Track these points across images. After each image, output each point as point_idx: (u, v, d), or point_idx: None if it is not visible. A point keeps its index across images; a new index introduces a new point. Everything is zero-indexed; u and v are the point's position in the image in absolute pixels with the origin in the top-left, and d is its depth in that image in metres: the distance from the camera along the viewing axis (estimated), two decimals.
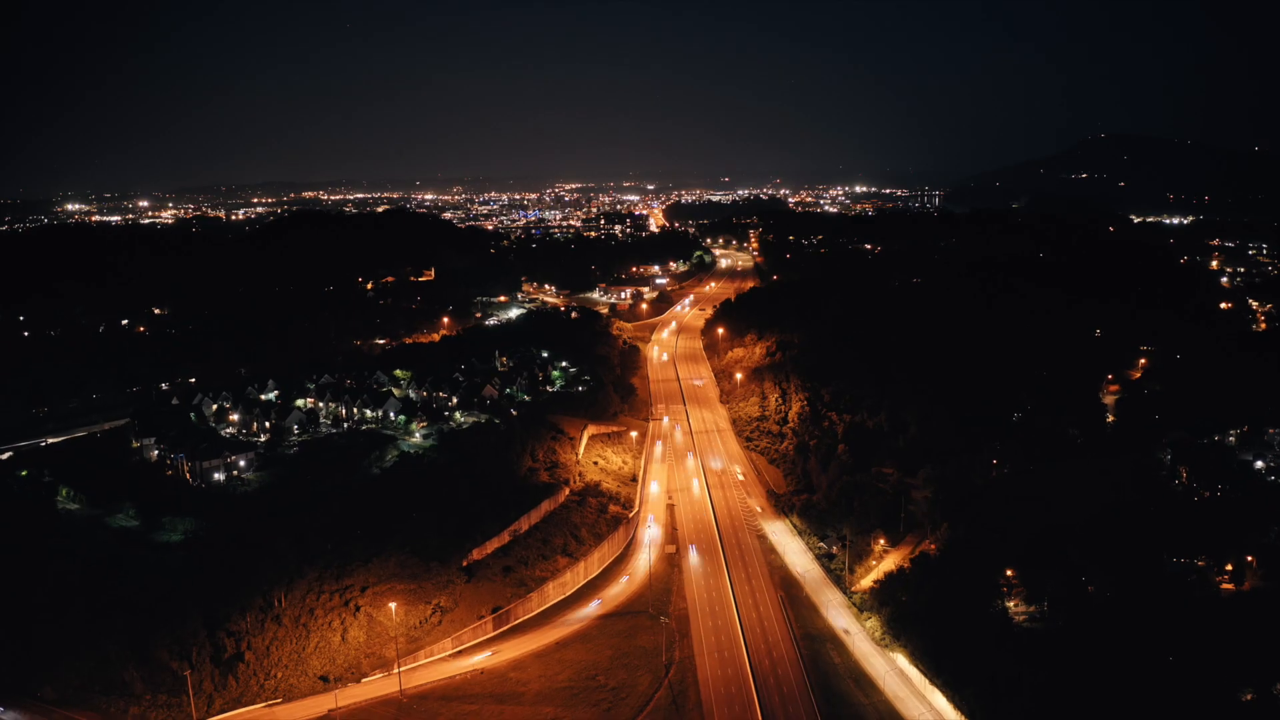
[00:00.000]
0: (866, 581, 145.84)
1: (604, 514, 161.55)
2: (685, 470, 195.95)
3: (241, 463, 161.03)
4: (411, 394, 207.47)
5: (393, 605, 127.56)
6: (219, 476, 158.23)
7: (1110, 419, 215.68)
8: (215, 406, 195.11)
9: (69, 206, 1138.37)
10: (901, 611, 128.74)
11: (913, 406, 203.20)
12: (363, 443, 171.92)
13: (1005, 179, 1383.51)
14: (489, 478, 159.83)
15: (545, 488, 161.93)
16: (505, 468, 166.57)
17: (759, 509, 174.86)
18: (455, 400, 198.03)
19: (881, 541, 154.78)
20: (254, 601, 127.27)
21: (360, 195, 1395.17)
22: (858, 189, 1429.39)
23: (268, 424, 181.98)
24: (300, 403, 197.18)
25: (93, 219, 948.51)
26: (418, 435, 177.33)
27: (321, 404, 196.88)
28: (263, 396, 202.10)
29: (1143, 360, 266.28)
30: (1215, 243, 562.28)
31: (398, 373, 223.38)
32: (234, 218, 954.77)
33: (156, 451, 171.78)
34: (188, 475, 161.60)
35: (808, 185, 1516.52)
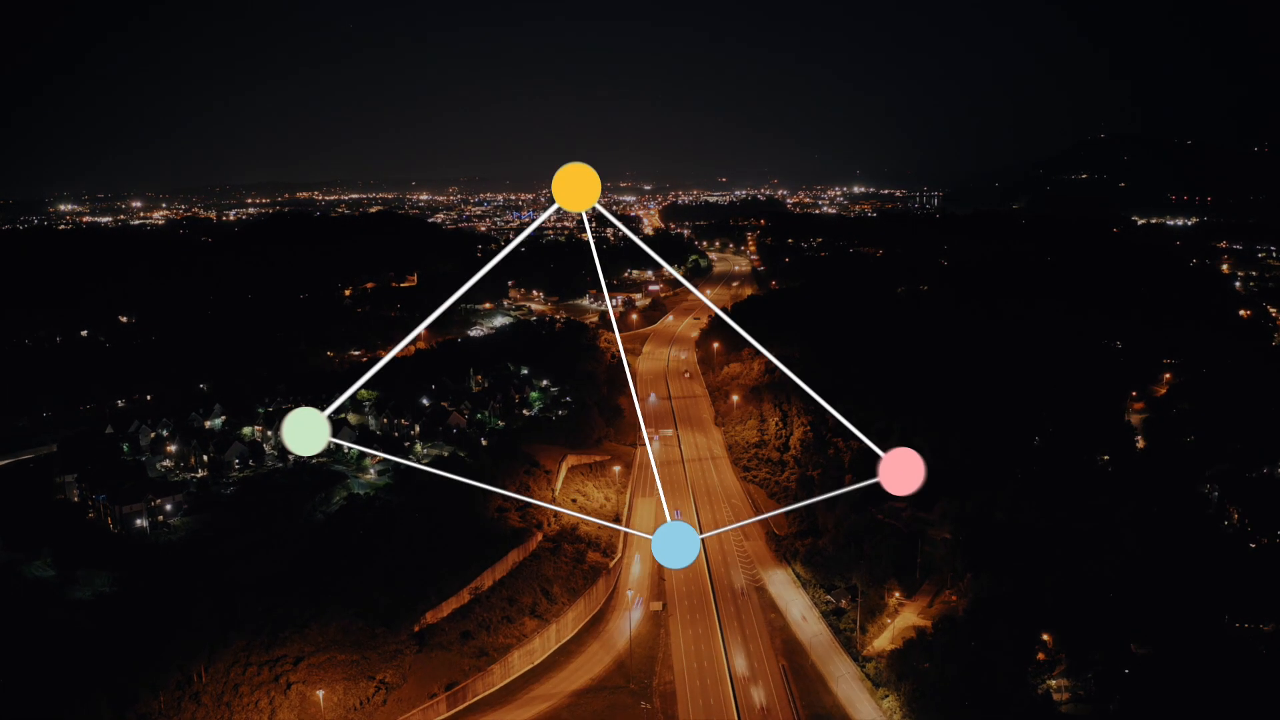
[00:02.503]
0: (881, 641, 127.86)
1: (581, 564, 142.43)
2: (676, 506, 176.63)
3: (168, 506, 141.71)
4: (371, 421, 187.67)
5: (321, 692, 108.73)
6: (141, 522, 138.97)
7: (1140, 443, 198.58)
8: (153, 435, 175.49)
9: (62, 207, 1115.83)
10: (924, 688, 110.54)
11: (924, 431, 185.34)
12: (308, 481, 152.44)
13: (1005, 179, 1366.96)
14: (450, 522, 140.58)
15: (514, 534, 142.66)
16: (469, 509, 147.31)
17: (757, 554, 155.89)
18: (418, 429, 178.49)
19: (896, 594, 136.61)
20: (170, 677, 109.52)
21: (355, 195, 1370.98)
22: (856, 189, 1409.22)
23: (206, 457, 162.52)
24: (246, 431, 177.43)
25: (84, 220, 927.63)
26: (372, 472, 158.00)
27: (270, 432, 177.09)
28: (207, 423, 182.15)
29: (1168, 375, 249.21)
30: (1223, 245, 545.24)
31: (362, 393, 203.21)
32: (225, 218, 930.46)
33: (78, 490, 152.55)
34: (109, 519, 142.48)
35: (805, 185, 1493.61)
